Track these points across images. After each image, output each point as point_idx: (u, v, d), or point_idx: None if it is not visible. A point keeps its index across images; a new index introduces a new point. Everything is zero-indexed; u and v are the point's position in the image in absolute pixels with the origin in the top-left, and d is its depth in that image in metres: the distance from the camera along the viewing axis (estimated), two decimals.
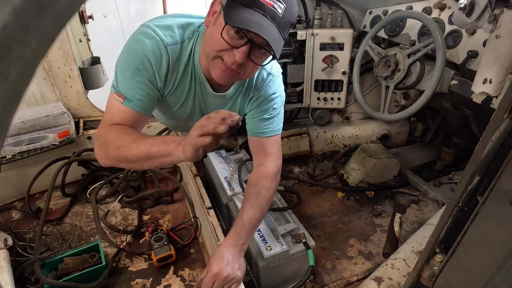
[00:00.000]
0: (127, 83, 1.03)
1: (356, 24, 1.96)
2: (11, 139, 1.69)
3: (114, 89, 1.04)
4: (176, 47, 1.06)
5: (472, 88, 1.15)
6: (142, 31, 1.04)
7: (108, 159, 1.02)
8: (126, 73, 1.03)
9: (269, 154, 1.26)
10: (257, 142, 1.27)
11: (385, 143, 2.24)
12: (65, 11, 0.23)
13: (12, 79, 0.21)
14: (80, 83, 1.94)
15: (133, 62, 1.02)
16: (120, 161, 0.99)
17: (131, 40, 1.05)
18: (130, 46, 1.04)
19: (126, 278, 1.38)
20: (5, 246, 1.32)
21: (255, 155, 1.29)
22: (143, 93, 1.05)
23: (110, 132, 1.00)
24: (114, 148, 0.97)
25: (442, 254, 0.71)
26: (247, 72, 1.05)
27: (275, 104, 1.25)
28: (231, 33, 0.93)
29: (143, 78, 1.04)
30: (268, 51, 0.97)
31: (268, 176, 1.23)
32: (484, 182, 0.60)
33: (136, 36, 1.04)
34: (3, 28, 0.20)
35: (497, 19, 1.00)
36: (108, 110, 1.06)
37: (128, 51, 1.04)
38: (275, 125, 1.26)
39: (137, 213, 1.70)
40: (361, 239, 1.60)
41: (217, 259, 1.07)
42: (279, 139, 1.29)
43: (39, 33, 0.22)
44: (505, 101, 0.51)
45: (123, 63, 1.04)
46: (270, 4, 0.91)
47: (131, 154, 0.94)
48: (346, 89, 2.01)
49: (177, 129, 1.69)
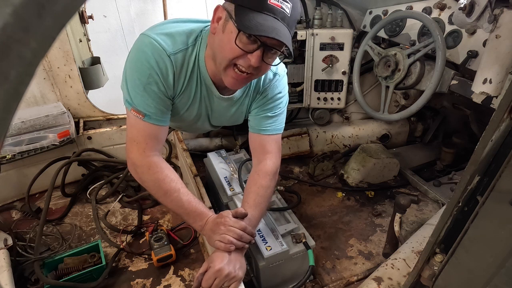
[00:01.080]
0: (141, 99, 1.07)
1: (356, 24, 1.96)
2: (11, 139, 1.69)
3: (130, 105, 1.08)
4: (180, 55, 1.07)
5: (472, 88, 1.15)
6: (144, 42, 1.05)
7: (141, 183, 1.18)
8: (138, 89, 1.06)
9: (269, 152, 1.27)
10: (258, 139, 1.28)
11: (385, 143, 2.24)
12: (65, 11, 0.23)
13: (12, 79, 0.21)
14: (80, 83, 1.94)
15: (142, 77, 1.04)
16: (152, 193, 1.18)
17: (135, 52, 1.06)
18: (135, 59, 1.06)
19: (126, 278, 1.38)
20: (5, 246, 1.32)
21: (254, 153, 1.30)
22: (159, 106, 1.09)
23: (149, 170, 1.12)
24: (151, 188, 1.15)
25: (442, 254, 0.71)
26: (261, 73, 1.09)
27: (280, 103, 1.27)
28: (243, 40, 0.95)
29: (155, 91, 1.07)
30: (279, 50, 1.00)
31: (266, 174, 1.24)
32: (484, 182, 0.60)
33: (139, 47, 1.05)
34: (3, 28, 0.20)
35: (497, 19, 1.00)
36: (131, 127, 1.12)
37: (135, 65, 1.06)
38: (277, 124, 1.28)
39: (137, 213, 1.70)
40: (361, 239, 1.60)
41: (220, 256, 1.08)
42: (279, 138, 1.30)
43: (39, 33, 0.22)
44: (505, 101, 0.51)
45: (132, 78, 1.06)
46: (279, 6, 0.92)
47: (165, 202, 1.15)
48: (346, 89, 2.01)
49: (181, 129, 1.69)
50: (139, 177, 1.15)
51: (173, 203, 1.13)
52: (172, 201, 1.13)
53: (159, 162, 1.14)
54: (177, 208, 1.14)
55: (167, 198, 1.13)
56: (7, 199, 1.76)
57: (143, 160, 1.12)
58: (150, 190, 1.16)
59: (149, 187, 1.15)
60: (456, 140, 2.10)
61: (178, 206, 1.13)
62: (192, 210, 1.13)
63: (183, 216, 1.17)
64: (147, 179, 1.13)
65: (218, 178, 1.58)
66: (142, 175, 1.13)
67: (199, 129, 1.46)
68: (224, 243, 1.06)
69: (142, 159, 1.12)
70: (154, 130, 1.12)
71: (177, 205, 1.13)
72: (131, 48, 1.08)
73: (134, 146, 1.12)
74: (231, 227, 1.07)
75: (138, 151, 1.12)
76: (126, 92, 1.09)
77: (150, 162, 1.12)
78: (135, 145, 1.12)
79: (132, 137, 1.12)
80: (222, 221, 1.09)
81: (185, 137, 2.16)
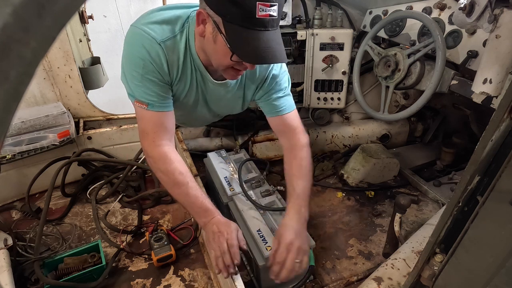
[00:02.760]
0: (142, 90, 1.10)
1: (356, 24, 1.95)
2: (11, 139, 1.69)
3: (133, 97, 1.12)
4: (169, 42, 1.09)
5: (472, 88, 1.15)
6: (134, 33, 1.07)
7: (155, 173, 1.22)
8: (136, 81, 1.09)
9: (295, 127, 1.32)
10: (280, 121, 1.32)
11: (385, 143, 2.24)
12: (65, 11, 0.23)
13: (12, 79, 0.21)
14: (80, 83, 1.94)
15: (137, 68, 1.07)
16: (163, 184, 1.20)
17: (127, 45, 1.09)
18: (128, 51, 1.09)
19: (126, 278, 1.38)
20: (5, 246, 1.32)
21: (281, 133, 1.35)
22: (159, 92, 1.12)
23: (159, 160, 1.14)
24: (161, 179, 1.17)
25: (442, 254, 0.71)
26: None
27: (284, 82, 1.32)
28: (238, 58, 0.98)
29: (152, 80, 1.09)
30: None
31: (302, 147, 1.30)
32: (484, 182, 0.60)
33: (130, 40, 1.08)
34: (3, 28, 0.20)
35: (497, 19, 0.99)
36: (139, 119, 1.16)
37: (128, 57, 1.09)
38: (290, 101, 1.33)
39: (137, 213, 1.70)
40: (361, 239, 1.60)
41: (286, 230, 1.12)
42: (297, 113, 1.35)
43: (39, 33, 0.22)
44: (505, 101, 0.51)
45: (129, 70, 1.09)
46: (267, 15, 0.90)
47: (173, 194, 1.19)
48: (346, 89, 2.01)
49: (182, 122, 1.69)
50: (151, 167, 1.19)
51: (181, 195, 1.16)
52: (180, 194, 1.15)
53: (170, 152, 1.15)
54: (184, 201, 1.17)
55: (175, 190, 1.16)
56: (7, 199, 1.76)
57: (153, 151, 1.14)
58: (161, 180, 1.19)
59: (159, 177, 1.18)
60: (456, 140, 2.10)
61: (185, 199, 1.16)
62: (198, 205, 1.16)
63: (188, 209, 1.20)
64: (157, 169, 1.16)
65: (218, 178, 1.58)
66: (153, 165, 1.17)
67: (200, 118, 1.48)
68: (215, 257, 1.10)
69: (152, 149, 1.14)
70: (160, 117, 1.14)
71: (184, 198, 1.16)
72: (124, 41, 1.11)
73: (144, 137, 1.15)
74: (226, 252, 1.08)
75: (148, 142, 1.15)
76: (126, 85, 1.13)
77: (160, 153, 1.14)
78: (145, 136, 1.15)
79: (142, 128, 1.15)
80: (226, 235, 1.10)
81: (185, 137, 2.16)
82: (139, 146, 1.87)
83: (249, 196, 1.41)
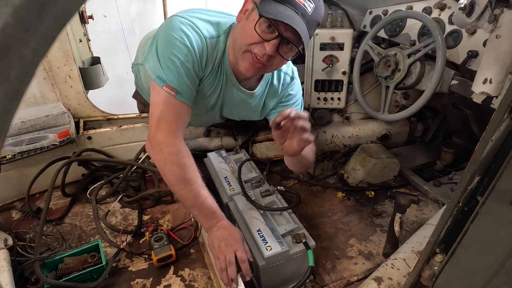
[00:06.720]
0: (177, 76, 1.06)
1: (356, 24, 1.95)
2: (11, 139, 1.69)
3: (163, 82, 1.05)
4: (213, 41, 1.11)
5: (472, 88, 1.15)
6: (181, 21, 1.07)
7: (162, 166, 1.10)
8: (172, 65, 1.05)
9: None
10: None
11: (385, 143, 2.24)
12: (65, 11, 0.23)
13: (12, 79, 0.21)
14: (80, 83, 1.94)
15: (178, 54, 1.05)
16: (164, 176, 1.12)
17: (171, 29, 1.06)
18: (172, 36, 1.05)
19: (126, 278, 1.38)
20: (5, 246, 1.32)
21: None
22: (191, 85, 1.10)
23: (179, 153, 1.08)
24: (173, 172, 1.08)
25: (442, 254, 0.71)
26: (274, 65, 1.12)
27: (297, 105, 1.41)
28: (263, 27, 1.00)
29: (190, 70, 1.08)
30: (295, 45, 1.04)
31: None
32: (484, 182, 0.60)
33: (177, 26, 1.06)
34: (3, 28, 0.20)
35: (497, 19, 0.99)
36: (161, 105, 1.08)
37: (171, 41, 1.05)
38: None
39: (137, 213, 1.70)
40: (361, 239, 1.60)
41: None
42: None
43: (39, 33, 0.22)
44: (505, 101, 0.51)
45: (167, 54, 1.05)
46: (301, 2, 0.98)
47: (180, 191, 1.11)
48: (346, 89, 2.01)
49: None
50: (164, 158, 1.07)
51: (191, 194, 1.10)
52: (191, 192, 1.09)
53: (186, 147, 1.12)
54: (192, 200, 1.11)
55: (187, 187, 1.09)
56: (7, 199, 1.76)
57: (173, 141, 1.07)
58: (170, 174, 1.09)
59: (170, 170, 1.08)
60: (456, 140, 2.10)
61: (195, 198, 1.10)
62: (206, 207, 1.12)
63: (193, 209, 1.14)
64: (170, 161, 1.07)
65: (218, 178, 1.58)
66: (167, 157, 1.07)
67: (205, 122, 1.50)
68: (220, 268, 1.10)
69: (172, 139, 1.07)
70: (184, 110, 1.11)
71: (194, 197, 1.10)
72: (163, 26, 1.10)
73: (163, 125, 1.07)
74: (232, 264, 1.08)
75: (168, 131, 1.07)
76: (158, 68, 1.06)
77: (178, 145, 1.09)
78: (164, 123, 1.07)
79: (162, 115, 1.07)
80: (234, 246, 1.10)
81: (185, 137, 2.16)
82: (139, 146, 1.87)
83: (249, 196, 1.41)
